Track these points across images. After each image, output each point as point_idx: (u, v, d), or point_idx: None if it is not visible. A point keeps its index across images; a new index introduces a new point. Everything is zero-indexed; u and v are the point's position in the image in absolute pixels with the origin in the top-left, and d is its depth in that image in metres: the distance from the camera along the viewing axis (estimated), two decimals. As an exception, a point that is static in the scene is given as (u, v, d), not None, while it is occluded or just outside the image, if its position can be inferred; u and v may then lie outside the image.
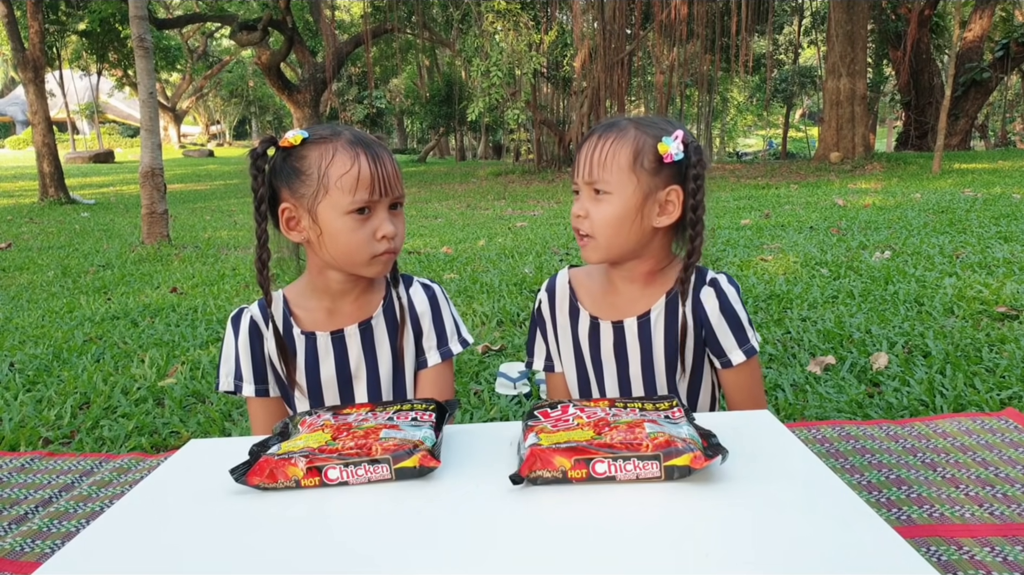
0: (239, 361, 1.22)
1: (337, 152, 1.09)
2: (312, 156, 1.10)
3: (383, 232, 1.11)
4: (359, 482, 0.81)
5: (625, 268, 1.21)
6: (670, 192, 1.14)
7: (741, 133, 38.10)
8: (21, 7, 11.68)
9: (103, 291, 4.45)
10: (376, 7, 19.11)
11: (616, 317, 1.23)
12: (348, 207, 1.08)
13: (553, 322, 1.31)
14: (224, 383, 1.24)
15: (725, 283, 1.20)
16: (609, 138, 1.13)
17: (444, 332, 1.27)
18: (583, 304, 1.27)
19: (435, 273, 4.55)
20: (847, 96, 12.63)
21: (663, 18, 14.09)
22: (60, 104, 27.00)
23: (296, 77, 21.75)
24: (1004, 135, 23.62)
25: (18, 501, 1.66)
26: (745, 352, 1.20)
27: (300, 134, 1.11)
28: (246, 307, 1.23)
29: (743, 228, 5.88)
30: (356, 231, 1.09)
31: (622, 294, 1.23)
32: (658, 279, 1.22)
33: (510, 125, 14.80)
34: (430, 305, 1.27)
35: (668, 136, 1.12)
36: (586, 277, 1.29)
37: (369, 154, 1.09)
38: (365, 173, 1.08)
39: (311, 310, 1.22)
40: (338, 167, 1.08)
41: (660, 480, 0.77)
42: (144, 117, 6.17)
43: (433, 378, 1.26)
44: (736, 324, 1.20)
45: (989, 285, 3.27)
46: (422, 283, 1.29)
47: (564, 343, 1.31)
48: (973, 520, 1.34)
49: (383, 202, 1.11)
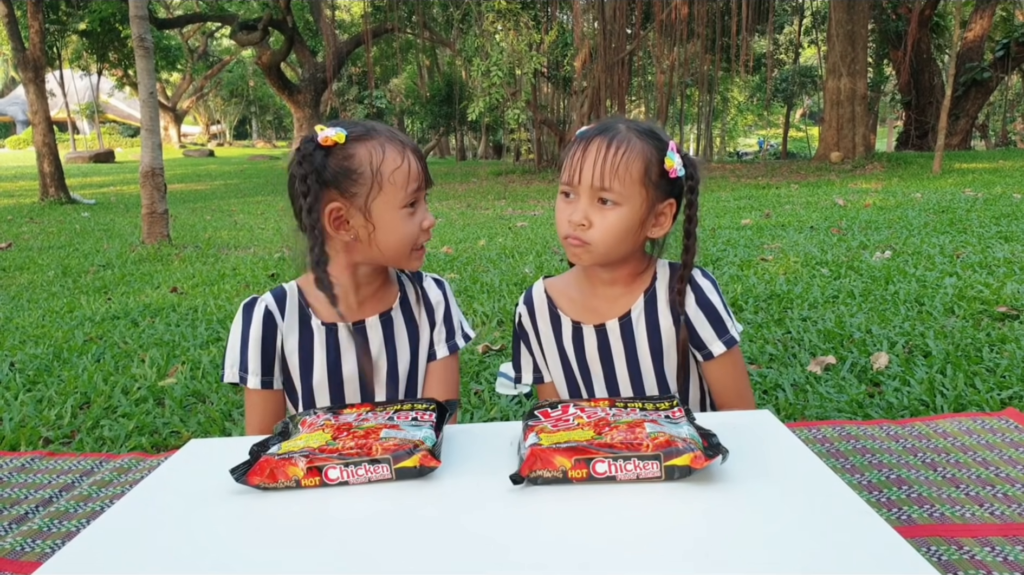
0: (246, 352, 1.21)
1: (386, 148, 1.11)
2: (361, 154, 1.09)
3: (428, 223, 1.16)
4: (359, 482, 0.81)
5: (608, 271, 1.22)
6: (665, 206, 1.16)
7: (741, 133, 38.11)
8: (21, 7, 11.67)
9: (103, 291, 4.45)
10: (376, 7, 19.11)
11: (598, 320, 1.24)
12: (403, 202, 1.12)
13: (536, 332, 1.32)
14: (229, 374, 1.22)
15: (699, 277, 1.21)
16: (618, 147, 1.11)
17: (452, 326, 1.30)
18: (563, 311, 1.28)
19: (436, 273, 4.54)
20: (847, 96, 12.63)
21: (663, 18, 14.10)
22: (60, 104, 26.99)
23: (296, 77, 21.75)
24: (1004, 135, 23.62)
25: (18, 501, 1.66)
26: (725, 343, 1.21)
27: (341, 131, 1.09)
28: (259, 296, 1.22)
29: (743, 228, 5.88)
30: (408, 224, 1.14)
31: (602, 297, 1.24)
32: (636, 280, 1.23)
33: (510, 125, 14.79)
34: (443, 298, 1.30)
35: (668, 149, 1.13)
36: (564, 285, 1.30)
37: (411, 148, 1.14)
38: (415, 168, 1.13)
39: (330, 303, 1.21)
40: (390, 163, 1.10)
41: (660, 480, 0.77)
42: (144, 117, 6.17)
43: (442, 370, 1.29)
44: (714, 316, 1.21)
45: (990, 285, 3.27)
46: (433, 278, 1.32)
47: (549, 352, 1.31)
48: (974, 520, 1.34)
49: (423, 195, 1.16)
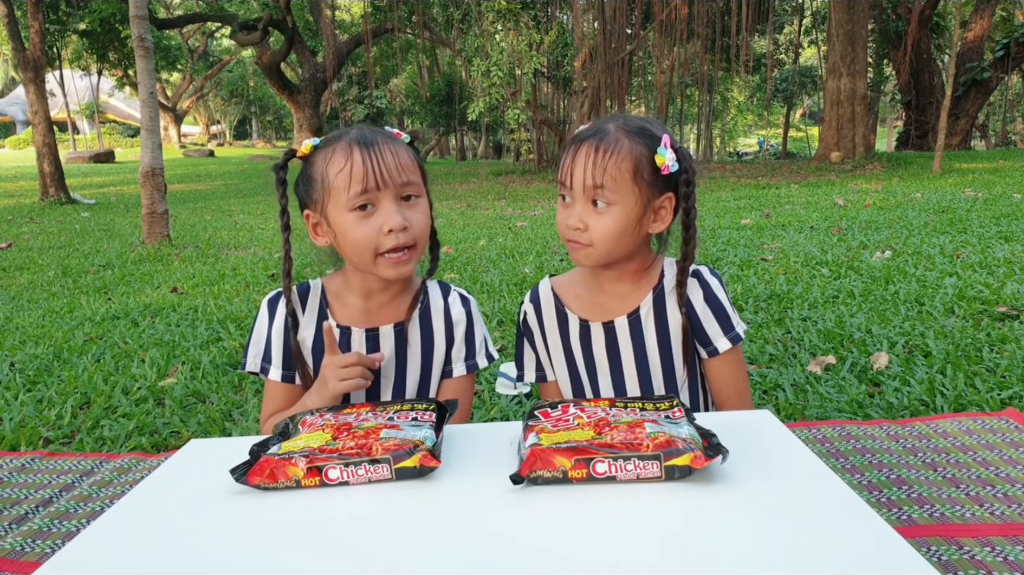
0: (270, 344, 1.22)
1: (335, 152, 1.11)
2: (317, 161, 1.13)
3: (388, 225, 1.09)
4: (359, 482, 0.81)
5: (614, 269, 1.22)
6: (664, 200, 1.16)
7: (741, 133, 38.09)
8: (21, 7, 11.67)
9: (103, 291, 4.45)
10: (376, 7, 19.11)
11: (606, 318, 1.24)
12: (349, 204, 1.09)
13: (542, 331, 1.31)
14: (251, 363, 1.23)
15: (707, 274, 1.22)
16: (607, 149, 1.11)
17: (473, 346, 1.28)
18: (571, 308, 1.27)
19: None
20: (848, 96, 12.63)
21: (663, 18, 14.09)
22: (60, 104, 26.97)
23: (296, 77, 21.75)
24: (1004, 135, 23.61)
25: (18, 501, 1.66)
26: (731, 339, 1.22)
27: (312, 142, 1.14)
28: (281, 291, 1.23)
29: (743, 228, 5.87)
30: (359, 228, 1.09)
31: (610, 294, 1.24)
32: (644, 276, 1.23)
33: (510, 125, 14.78)
34: (466, 317, 1.27)
35: (660, 145, 1.12)
36: (570, 283, 1.30)
37: (365, 147, 1.09)
38: (358, 167, 1.08)
39: (348, 306, 1.22)
40: (334, 166, 1.09)
41: (660, 480, 0.77)
42: (144, 117, 6.17)
43: (455, 389, 1.27)
44: (721, 313, 1.22)
45: (990, 285, 3.27)
46: (460, 294, 1.30)
47: (555, 350, 1.31)
48: (974, 520, 1.34)
49: (386, 194, 1.09)
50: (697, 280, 1.21)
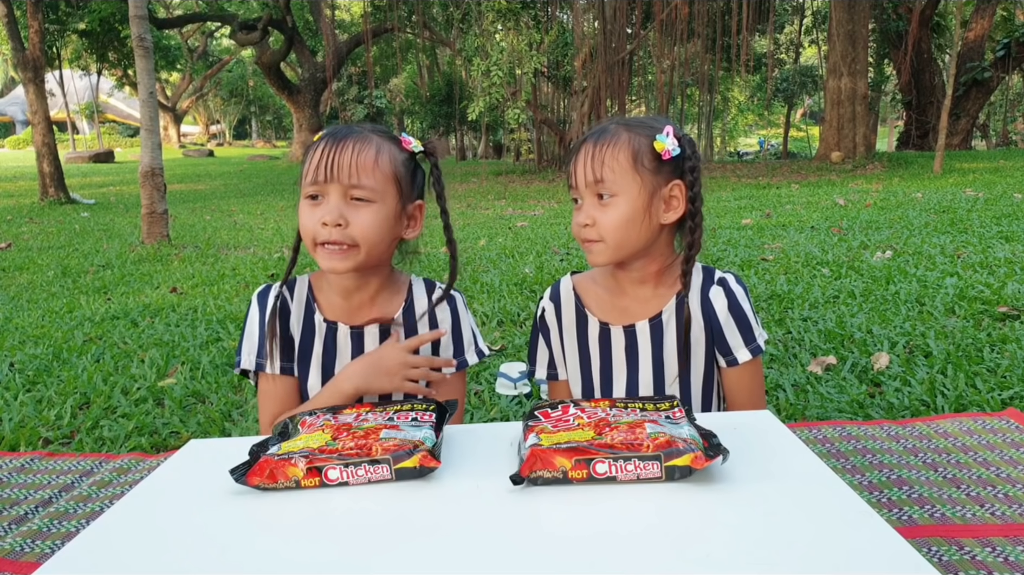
0: (264, 337, 1.20)
1: (314, 144, 1.14)
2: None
3: (323, 218, 1.08)
4: (359, 482, 0.81)
5: (634, 269, 1.20)
6: (673, 187, 1.15)
7: (742, 133, 38.08)
8: (21, 7, 11.67)
9: (103, 291, 4.45)
10: (376, 6, 19.11)
11: (627, 321, 1.22)
12: (304, 191, 1.12)
13: (560, 330, 1.29)
14: (246, 360, 1.20)
15: (733, 283, 1.21)
16: (604, 143, 1.13)
17: (461, 343, 1.27)
18: (591, 310, 1.25)
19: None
20: (848, 96, 12.62)
21: (664, 18, 14.08)
22: (60, 104, 26.96)
23: (296, 77, 21.75)
24: (1005, 135, 23.59)
25: (18, 501, 1.66)
26: (751, 351, 1.21)
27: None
28: (271, 284, 1.23)
29: (744, 228, 5.87)
30: (306, 215, 1.12)
31: (632, 297, 1.22)
32: (666, 279, 1.21)
33: (510, 125, 14.77)
34: (451, 315, 1.26)
35: (660, 134, 1.13)
36: (591, 283, 1.27)
37: (332, 141, 1.11)
38: (316, 158, 1.10)
39: (331, 303, 1.22)
40: (309, 155, 1.13)
41: (661, 480, 0.77)
42: (144, 117, 6.17)
43: (446, 388, 1.26)
44: (744, 323, 1.21)
45: (990, 285, 3.27)
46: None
47: (571, 350, 1.29)
48: (974, 520, 1.34)
49: (333, 188, 1.09)
50: (723, 288, 1.20)
